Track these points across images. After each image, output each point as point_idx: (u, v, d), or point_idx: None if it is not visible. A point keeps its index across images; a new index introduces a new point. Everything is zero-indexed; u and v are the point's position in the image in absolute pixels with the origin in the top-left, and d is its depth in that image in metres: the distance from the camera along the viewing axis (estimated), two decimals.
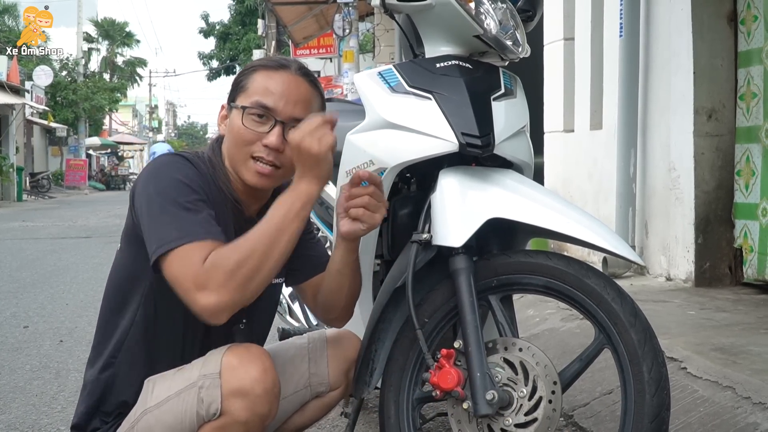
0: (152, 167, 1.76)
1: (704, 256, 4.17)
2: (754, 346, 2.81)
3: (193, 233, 1.64)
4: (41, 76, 28.04)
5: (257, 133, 1.77)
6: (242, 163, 1.79)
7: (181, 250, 1.62)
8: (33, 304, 5.42)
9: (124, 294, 1.82)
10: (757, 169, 4.01)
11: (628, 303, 1.79)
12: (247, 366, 1.67)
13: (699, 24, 4.17)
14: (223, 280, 1.60)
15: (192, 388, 1.69)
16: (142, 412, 1.74)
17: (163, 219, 1.66)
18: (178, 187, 1.69)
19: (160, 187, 1.69)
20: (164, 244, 1.64)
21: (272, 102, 1.77)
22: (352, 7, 14.14)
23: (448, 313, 1.95)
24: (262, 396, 1.67)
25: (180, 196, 1.67)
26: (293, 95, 1.79)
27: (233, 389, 1.66)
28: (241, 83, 1.82)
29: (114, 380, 1.82)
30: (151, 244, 1.67)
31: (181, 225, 1.64)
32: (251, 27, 32.36)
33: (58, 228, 11.81)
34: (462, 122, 1.91)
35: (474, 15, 1.99)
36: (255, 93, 1.78)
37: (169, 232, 1.64)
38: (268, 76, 1.80)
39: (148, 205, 1.69)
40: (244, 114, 1.77)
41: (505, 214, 1.85)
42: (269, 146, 1.77)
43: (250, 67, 1.86)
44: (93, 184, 34.68)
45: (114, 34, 44.83)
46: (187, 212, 1.66)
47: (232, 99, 1.82)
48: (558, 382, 1.79)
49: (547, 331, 3.55)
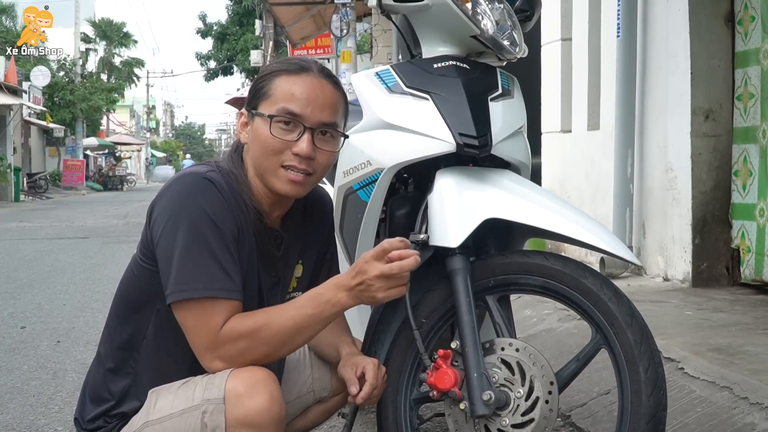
0: (179, 191, 1.68)
1: (701, 256, 4.18)
2: (751, 347, 2.81)
3: (216, 289, 1.62)
4: (39, 76, 28.01)
5: (286, 141, 1.71)
6: (272, 173, 1.73)
7: (201, 304, 1.62)
8: (30, 305, 5.41)
9: (136, 305, 1.79)
10: (754, 170, 4.01)
11: (625, 303, 1.79)
12: (253, 394, 1.62)
13: (696, 24, 4.17)
14: (234, 354, 1.64)
15: (195, 411, 1.65)
16: (143, 424, 1.71)
17: (187, 261, 1.62)
18: (209, 227, 1.64)
19: (188, 221, 1.64)
20: (186, 290, 1.62)
21: (299, 108, 1.71)
22: (350, 7, 14.13)
23: (445, 314, 1.95)
24: (269, 425, 1.62)
25: (209, 240, 1.63)
26: (320, 99, 1.73)
27: (239, 419, 1.61)
28: (262, 89, 1.75)
29: (128, 391, 1.78)
30: (170, 283, 1.63)
31: (206, 275, 1.62)
32: (249, 27, 32.30)
33: (56, 228, 11.80)
34: (459, 123, 1.92)
35: (471, 15, 2.00)
36: (280, 99, 1.71)
37: (193, 279, 1.62)
38: (291, 80, 1.73)
39: (171, 236, 1.64)
40: (272, 123, 1.70)
41: (502, 215, 1.85)
42: (300, 154, 1.71)
43: (270, 71, 1.77)
44: (90, 184, 34.62)
45: (111, 34, 44.78)
46: (213, 261, 1.63)
47: (254, 106, 1.75)
48: (555, 382, 1.79)
49: (544, 331, 3.55)
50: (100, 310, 4.94)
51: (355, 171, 2.13)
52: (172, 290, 1.63)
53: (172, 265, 1.63)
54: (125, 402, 1.78)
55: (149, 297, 1.75)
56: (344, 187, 2.19)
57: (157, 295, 1.71)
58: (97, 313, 4.91)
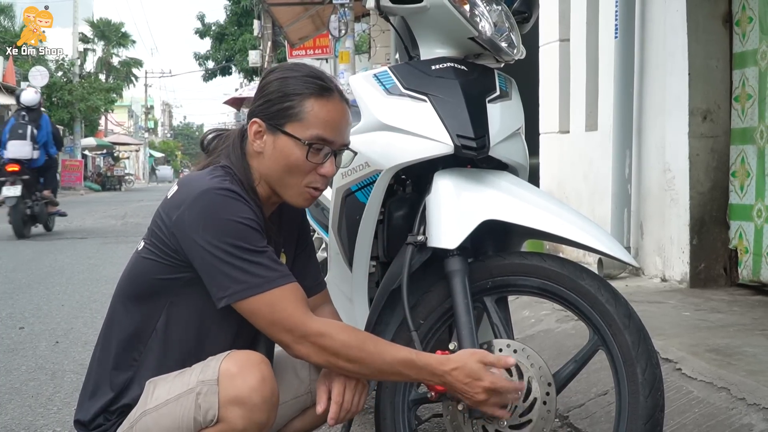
0: (207, 204, 1.72)
1: (699, 257, 4.18)
2: (749, 347, 2.81)
3: (275, 279, 1.71)
4: (37, 76, 27.98)
5: (315, 164, 1.80)
6: (293, 189, 1.83)
7: (269, 297, 1.69)
8: (29, 305, 5.40)
9: (146, 298, 1.81)
10: (752, 171, 4.02)
11: (623, 305, 1.80)
12: (246, 374, 1.68)
13: (694, 25, 4.18)
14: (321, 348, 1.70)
15: (190, 394, 1.70)
16: (141, 413, 1.75)
17: (237, 262, 1.69)
18: (247, 231, 1.71)
19: (228, 229, 1.70)
20: (250, 287, 1.69)
21: (332, 136, 1.80)
22: (348, 7, 14.15)
23: (443, 315, 1.95)
24: (260, 405, 1.67)
25: (251, 242, 1.71)
26: (343, 125, 1.84)
27: (231, 397, 1.67)
28: (291, 109, 1.79)
29: (130, 384, 1.81)
30: (224, 286, 1.69)
31: (263, 270, 1.70)
32: (247, 28, 32.30)
33: (54, 228, 11.77)
34: (457, 124, 1.92)
35: (469, 17, 2.00)
36: (313, 125, 1.78)
37: (253, 276, 1.69)
38: (321, 105, 1.80)
39: (213, 245, 1.69)
40: (309, 150, 1.78)
41: (499, 216, 1.86)
42: (327, 176, 1.82)
43: (298, 92, 1.80)
44: (89, 184, 34.55)
45: (110, 34, 44.71)
46: (263, 257, 1.71)
47: (279, 123, 1.80)
48: (552, 383, 1.79)
49: (542, 332, 3.55)
50: (99, 311, 4.93)
51: (353, 172, 2.14)
52: (235, 290, 1.69)
53: (225, 270, 1.69)
54: (126, 394, 1.81)
55: (160, 289, 1.80)
56: (342, 188, 2.20)
57: (170, 288, 1.78)
58: (96, 314, 4.90)
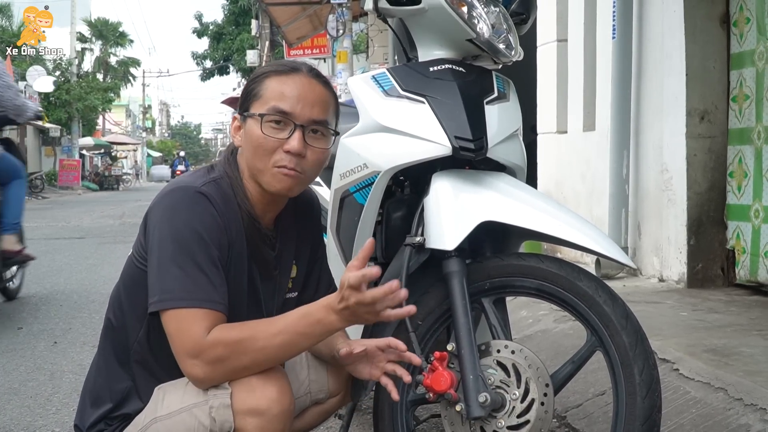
0: (172, 205, 1.70)
1: (697, 257, 4.19)
2: (746, 348, 2.82)
3: (200, 299, 1.64)
4: (35, 76, 27.95)
5: (278, 140, 1.73)
6: (266, 172, 1.75)
7: (184, 313, 1.63)
8: (27, 306, 5.40)
9: (131, 305, 1.79)
10: (749, 171, 4.03)
11: (620, 306, 1.80)
12: (266, 384, 1.66)
13: (692, 26, 4.19)
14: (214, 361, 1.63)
15: (204, 405, 1.66)
16: (152, 420, 1.71)
17: (174, 271, 1.64)
18: (197, 241, 1.66)
19: (178, 234, 1.66)
20: (171, 299, 1.63)
21: (289, 106, 1.73)
22: (346, 7, 14.14)
23: (441, 316, 1.96)
24: (279, 415, 1.65)
25: (197, 253, 1.65)
26: (309, 97, 1.75)
27: (249, 408, 1.64)
28: (253, 91, 1.77)
29: (129, 395, 1.79)
30: (155, 291, 1.66)
31: (191, 286, 1.64)
32: (245, 27, 32.29)
33: (52, 228, 11.77)
34: (455, 126, 1.93)
35: (467, 19, 2.01)
36: (270, 99, 1.74)
37: (177, 288, 1.64)
38: (281, 80, 1.75)
39: (160, 247, 1.66)
40: (262, 122, 1.72)
41: (497, 218, 1.86)
42: (291, 151, 1.72)
43: (261, 73, 1.80)
44: (86, 184, 34.52)
45: (107, 34, 44.63)
46: (199, 272, 1.65)
47: (245, 108, 1.77)
48: (550, 384, 1.80)
49: (540, 332, 3.56)
50: (97, 311, 4.93)
51: (351, 174, 2.14)
52: (159, 298, 1.65)
53: (159, 274, 1.66)
54: (126, 404, 1.79)
55: (143, 297, 1.74)
56: (341, 189, 2.20)
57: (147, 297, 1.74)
58: (94, 314, 4.91)
